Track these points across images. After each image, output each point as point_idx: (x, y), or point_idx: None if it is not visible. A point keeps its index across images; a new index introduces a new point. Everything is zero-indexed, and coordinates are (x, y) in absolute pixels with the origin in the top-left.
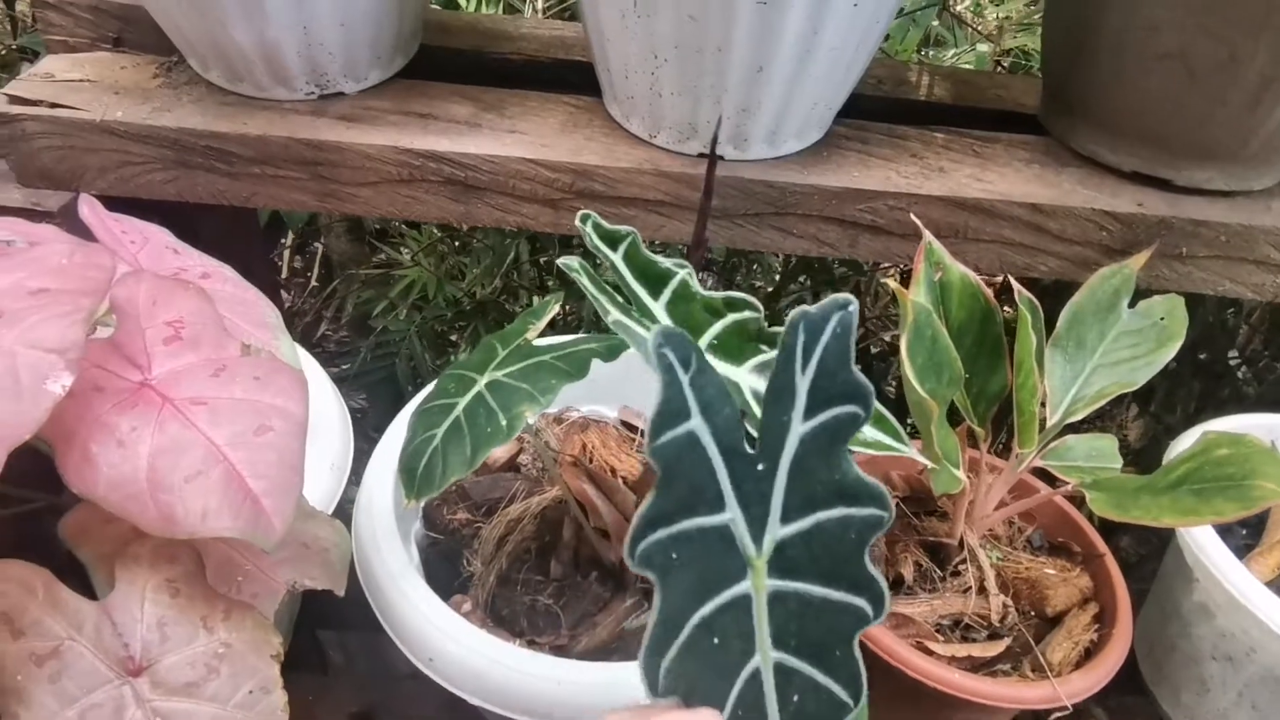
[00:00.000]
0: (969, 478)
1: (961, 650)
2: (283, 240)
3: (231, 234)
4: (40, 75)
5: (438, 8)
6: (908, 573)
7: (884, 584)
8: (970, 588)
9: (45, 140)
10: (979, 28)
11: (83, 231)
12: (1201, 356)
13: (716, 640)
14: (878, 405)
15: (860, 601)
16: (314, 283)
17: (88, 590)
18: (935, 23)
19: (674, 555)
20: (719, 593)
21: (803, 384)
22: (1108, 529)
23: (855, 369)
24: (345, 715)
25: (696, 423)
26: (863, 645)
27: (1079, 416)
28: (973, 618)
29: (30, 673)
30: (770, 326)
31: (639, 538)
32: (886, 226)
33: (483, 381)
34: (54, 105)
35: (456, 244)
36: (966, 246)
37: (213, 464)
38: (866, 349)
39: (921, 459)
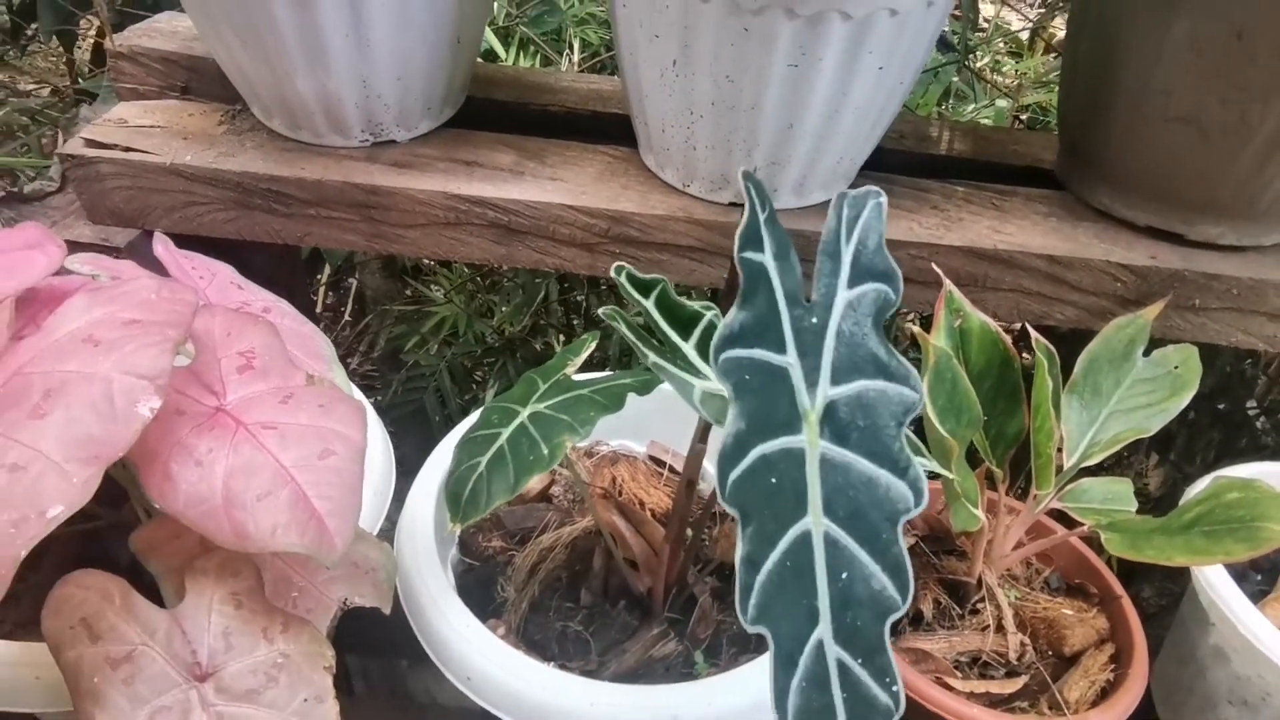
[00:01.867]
0: (987, 518)
1: (980, 686)
2: (318, 276)
3: (278, 270)
4: (114, 121)
5: (482, 61)
6: (927, 609)
7: (922, 474)
8: (989, 626)
9: (117, 181)
10: (998, 84)
11: (150, 266)
12: (1220, 406)
13: (774, 480)
14: (914, 438)
15: (901, 485)
16: (347, 317)
17: (155, 601)
18: (955, 79)
19: (747, 376)
20: (778, 435)
21: (847, 253)
22: (1128, 578)
23: (887, 252)
24: None
25: (767, 258)
26: None
27: (1095, 460)
28: (991, 655)
29: (106, 675)
30: None
31: (722, 348)
32: (908, 275)
33: (525, 413)
34: (127, 149)
35: (487, 283)
36: (985, 295)
37: (281, 484)
38: None
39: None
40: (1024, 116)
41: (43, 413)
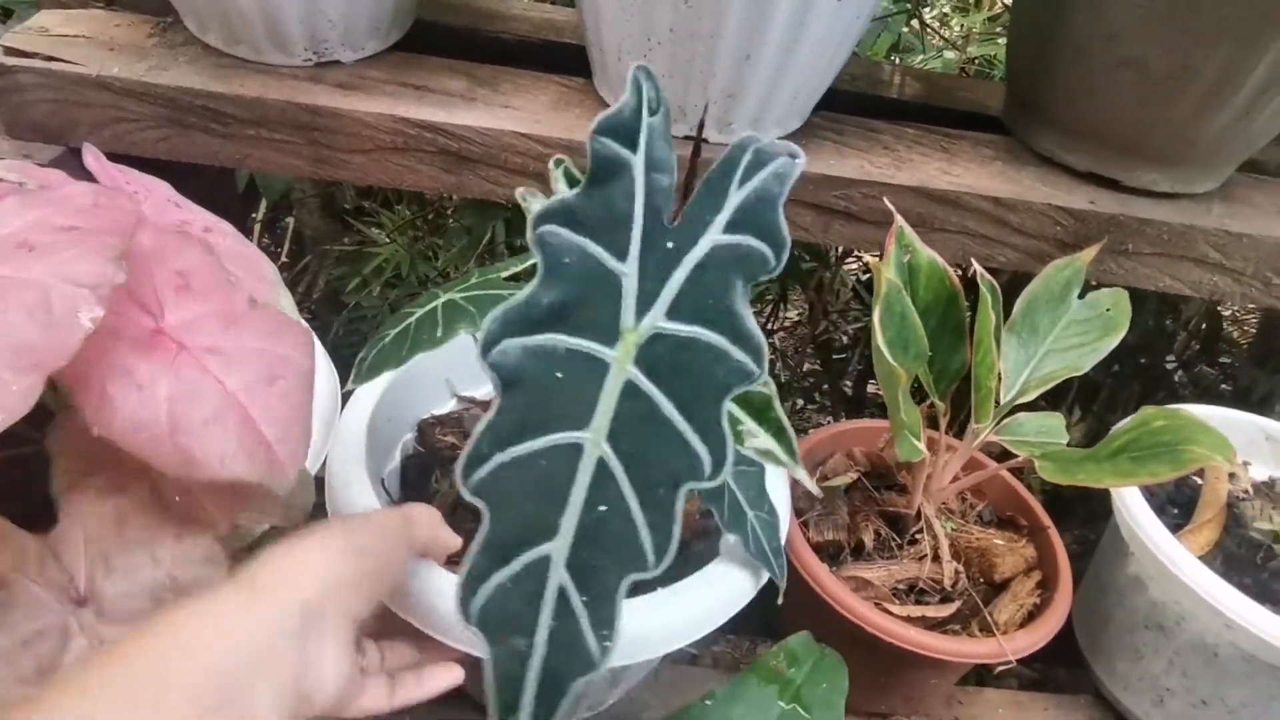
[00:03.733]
0: (929, 453)
1: (916, 611)
2: (253, 215)
3: (210, 201)
4: (34, 29)
5: None
6: (868, 540)
7: (728, 445)
8: (926, 555)
9: (39, 93)
10: (945, 36)
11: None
12: (1142, 361)
13: (562, 376)
14: (780, 414)
15: (702, 450)
16: (285, 258)
17: None
18: (905, 29)
19: (566, 260)
20: (586, 337)
21: (734, 198)
22: (1056, 520)
23: (783, 219)
24: None
25: (638, 162)
26: (825, 604)
27: (1030, 397)
28: (927, 582)
29: None
30: None
31: (547, 220)
32: (859, 213)
33: (442, 299)
34: (49, 58)
35: (431, 224)
36: (933, 236)
37: (228, 410)
38: (828, 341)
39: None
40: (971, 70)
41: None
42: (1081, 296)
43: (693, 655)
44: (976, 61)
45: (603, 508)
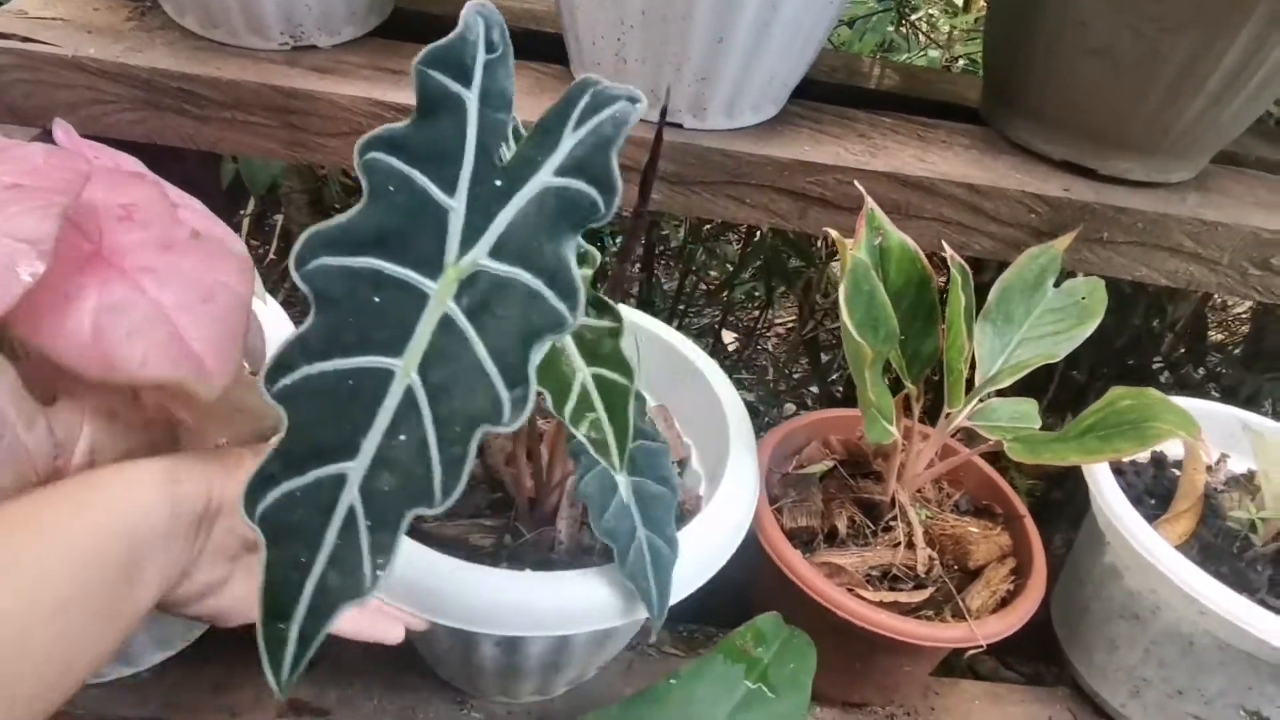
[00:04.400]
0: (902, 441)
1: (889, 597)
2: (242, 211)
3: (194, 192)
4: (13, 11)
5: None
6: (842, 526)
7: (530, 394)
8: (900, 542)
9: (16, 74)
10: (932, 37)
11: None
12: (1129, 362)
13: (379, 300)
14: (630, 414)
15: (504, 395)
16: (272, 255)
17: None
18: (891, 29)
19: (391, 188)
20: (408, 266)
21: (568, 141)
22: (1045, 523)
23: (615, 165)
24: None
25: (471, 97)
26: (797, 589)
27: (1005, 384)
28: (900, 569)
29: None
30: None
31: (374, 148)
32: (834, 200)
33: None
34: (26, 39)
35: None
36: (908, 223)
37: (158, 323)
38: (815, 339)
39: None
40: (956, 67)
41: None
42: (1057, 285)
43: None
44: (961, 60)
45: (403, 437)
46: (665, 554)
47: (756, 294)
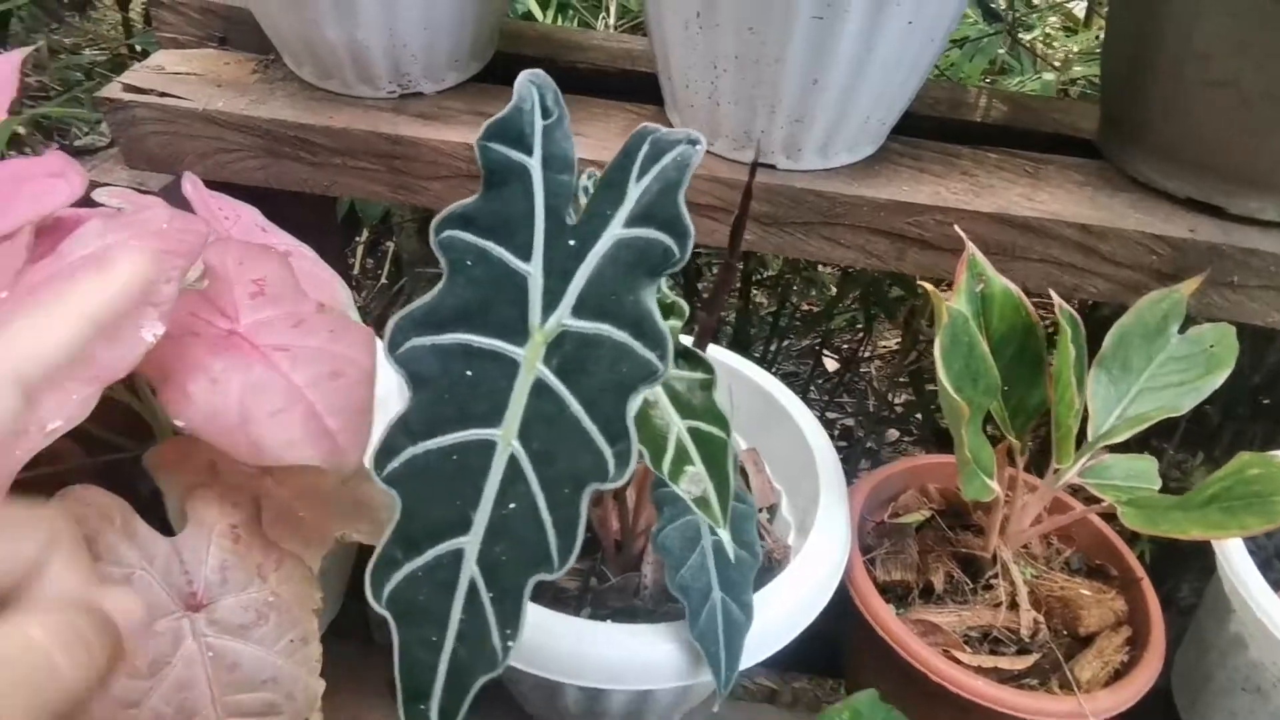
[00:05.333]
0: (1005, 493)
1: (989, 661)
2: (357, 239)
3: (312, 225)
4: (152, 67)
5: (512, 18)
6: (938, 582)
7: (632, 449)
8: (1001, 602)
9: (152, 125)
10: (1047, 58)
11: (184, 209)
12: (1265, 401)
13: (472, 374)
14: (731, 466)
15: (607, 451)
16: (384, 280)
17: (163, 528)
18: (1002, 51)
19: (469, 262)
20: (495, 337)
21: (634, 190)
22: (1160, 575)
23: (684, 208)
24: (384, 682)
25: (534, 163)
26: (888, 647)
27: (1121, 438)
28: (1002, 631)
29: None
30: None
31: (448, 226)
32: (934, 241)
33: None
34: (162, 94)
35: None
36: (1014, 265)
37: (294, 402)
38: (919, 370)
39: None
40: (1073, 91)
41: None
42: (1182, 331)
43: (771, 691)
44: (1079, 82)
45: (512, 505)
46: (739, 620)
47: (858, 324)
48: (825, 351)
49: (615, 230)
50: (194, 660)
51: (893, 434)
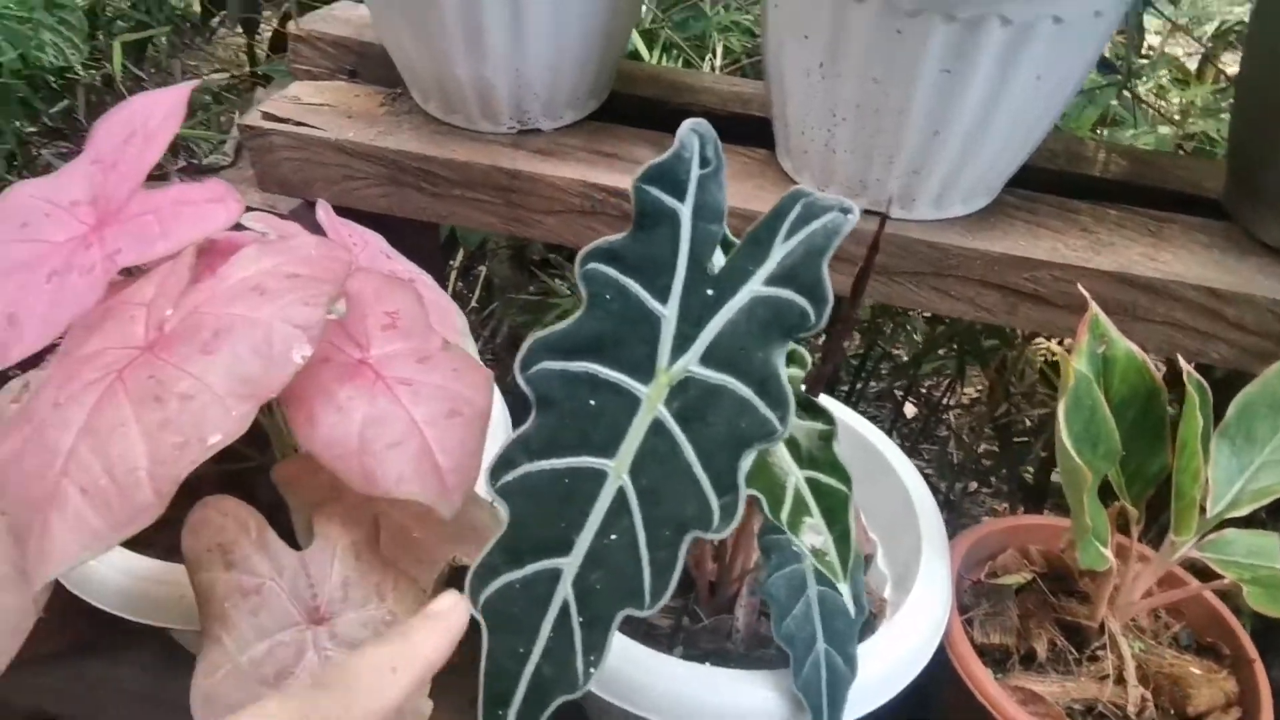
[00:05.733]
0: (1116, 561)
1: None
2: (451, 262)
3: (418, 249)
4: (289, 98)
5: (626, 59)
6: (1041, 649)
7: (739, 505)
8: (1108, 675)
9: (287, 153)
10: (1161, 110)
11: (310, 231)
12: None
13: (595, 404)
14: (851, 521)
15: (712, 502)
16: (474, 303)
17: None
18: (1114, 102)
19: (608, 296)
20: (622, 371)
21: (778, 250)
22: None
23: (827, 275)
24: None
25: (685, 210)
26: (986, 713)
27: (1242, 512)
28: (1107, 706)
29: (236, 602)
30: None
31: (595, 259)
32: (1049, 297)
33: None
34: (298, 123)
35: None
36: (1133, 325)
37: (410, 437)
38: (1008, 424)
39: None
40: (1189, 146)
41: (211, 350)
42: None
43: None
44: (1196, 138)
45: (614, 536)
46: (843, 673)
47: (946, 371)
48: (909, 397)
49: (755, 286)
50: (314, 673)
51: (971, 485)
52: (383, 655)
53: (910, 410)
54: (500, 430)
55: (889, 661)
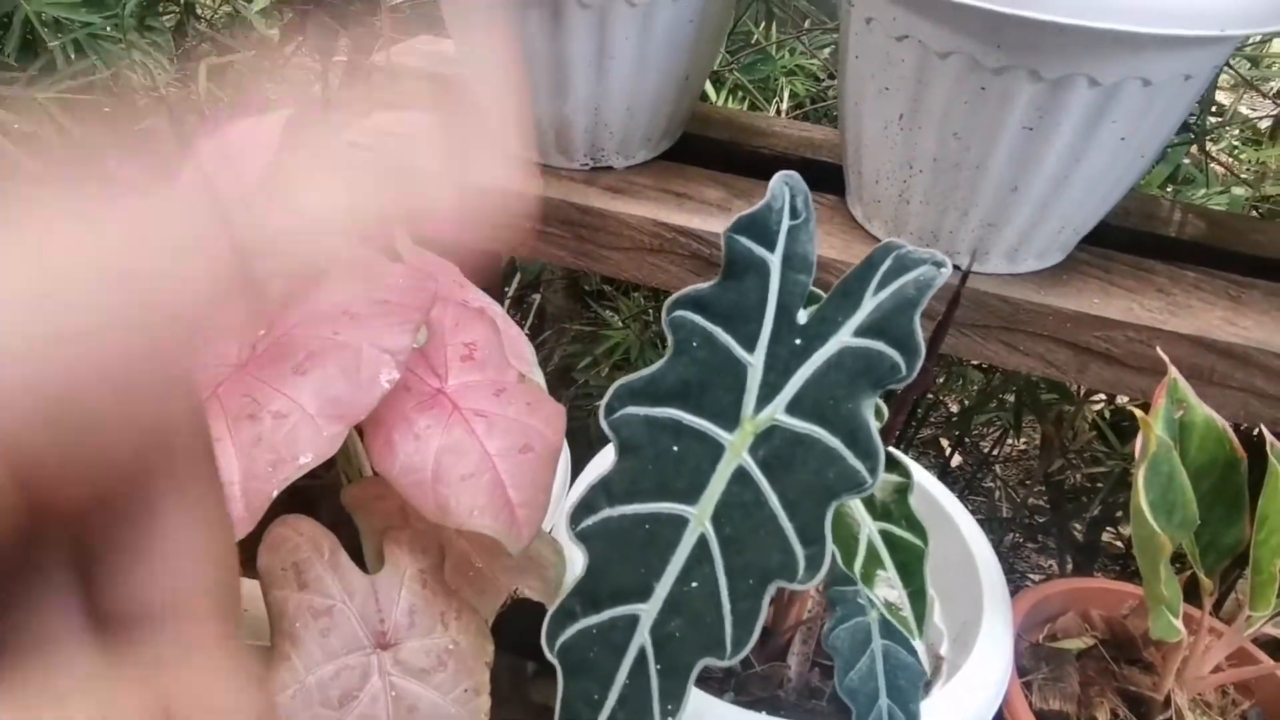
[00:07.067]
0: (1186, 633)
1: None
2: (505, 290)
3: (479, 276)
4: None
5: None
6: (1102, 718)
7: (825, 561)
8: None
9: None
10: (1233, 170)
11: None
12: None
13: (678, 450)
14: (925, 578)
15: (798, 551)
16: (527, 331)
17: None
18: (1185, 161)
19: (695, 344)
20: (706, 418)
21: (869, 302)
22: None
23: (918, 328)
24: None
25: (773, 259)
26: None
27: None
28: None
29: (306, 622)
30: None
31: (682, 306)
32: (1121, 357)
33: None
34: None
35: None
36: (1209, 391)
37: (484, 469)
38: (1062, 482)
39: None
40: (1263, 208)
41: (304, 370)
42: None
43: None
44: (1271, 200)
45: (694, 584)
46: None
47: (998, 422)
48: (958, 447)
49: (844, 337)
50: (378, 698)
51: (1018, 538)
52: None
53: (955, 459)
54: (560, 465)
55: None
